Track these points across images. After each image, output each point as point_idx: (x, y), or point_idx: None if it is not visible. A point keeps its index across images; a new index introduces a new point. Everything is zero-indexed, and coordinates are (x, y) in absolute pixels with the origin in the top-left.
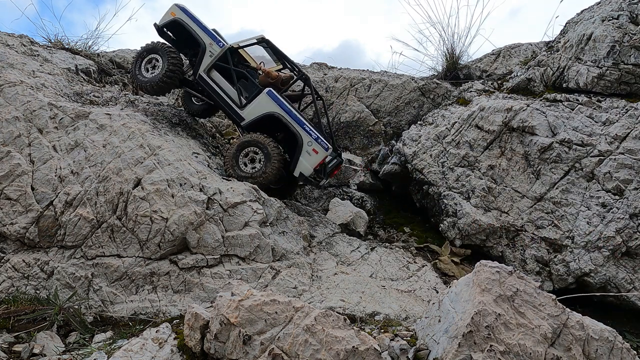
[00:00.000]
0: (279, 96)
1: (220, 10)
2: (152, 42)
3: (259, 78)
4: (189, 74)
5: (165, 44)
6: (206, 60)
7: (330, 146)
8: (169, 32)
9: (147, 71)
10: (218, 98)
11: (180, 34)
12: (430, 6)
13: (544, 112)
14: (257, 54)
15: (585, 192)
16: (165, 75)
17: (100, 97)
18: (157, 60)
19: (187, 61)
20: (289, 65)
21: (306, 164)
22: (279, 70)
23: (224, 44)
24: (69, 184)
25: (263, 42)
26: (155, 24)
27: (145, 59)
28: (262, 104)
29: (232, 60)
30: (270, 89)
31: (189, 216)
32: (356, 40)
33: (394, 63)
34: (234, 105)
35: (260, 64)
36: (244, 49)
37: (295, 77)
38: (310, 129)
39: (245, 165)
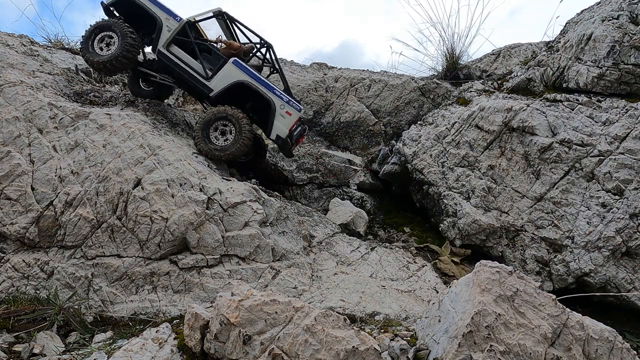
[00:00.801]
0: (245, 65)
1: None
2: (104, 19)
3: (220, 50)
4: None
5: (120, 21)
6: (164, 35)
7: (302, 107)
8: (115, 12)
9: (101, 49)
10: (182, 72)
11: (128, 13)
12: (430, 6)
13: (544, 112)
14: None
15: (585, 192)
16: (122, 54)
17: (100, 97)
18: (112, 38)
19: None
20: (251, 34)
21: (281, 126)
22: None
23: (180, 19)
24: (69, 184)
25: (220, 15)
26: (102, 3)
27: (98, 37)
28: (230, 74)
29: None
30: (235, 58)
31: (189, 216)
32: (356, 41)
33: (394, 63)
34: (200, 78)
35: (218, 37)
36: (199, 24)
37: (256, 48)
38: (281, 93)
39: (216, 138)
